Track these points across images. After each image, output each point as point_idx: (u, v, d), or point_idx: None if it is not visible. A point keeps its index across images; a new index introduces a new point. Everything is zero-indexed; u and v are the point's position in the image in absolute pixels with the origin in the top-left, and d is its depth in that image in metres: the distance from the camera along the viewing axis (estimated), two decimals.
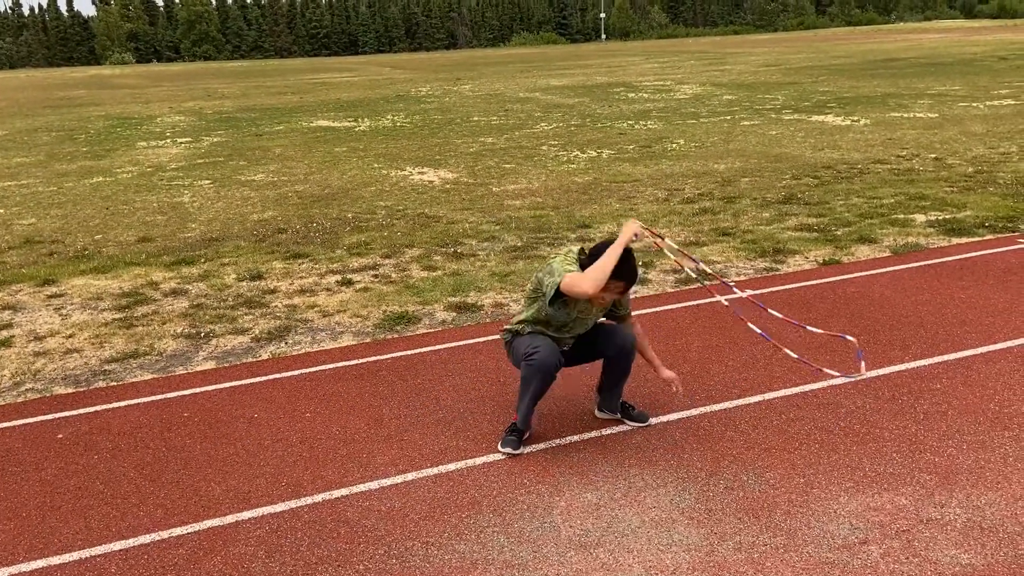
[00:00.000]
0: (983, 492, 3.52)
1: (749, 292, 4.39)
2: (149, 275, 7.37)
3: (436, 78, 37.79)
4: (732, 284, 4.42)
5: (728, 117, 17.19)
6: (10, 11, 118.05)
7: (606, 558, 3.22)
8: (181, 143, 17.28)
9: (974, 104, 17.45)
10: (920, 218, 8.17)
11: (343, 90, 31.96)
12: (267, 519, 3.58)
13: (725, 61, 39.48)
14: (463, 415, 4.43)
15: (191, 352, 5.54)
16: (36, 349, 5.72)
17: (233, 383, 5.01)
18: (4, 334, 6.04)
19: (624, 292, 3.89)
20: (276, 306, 6.40)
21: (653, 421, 4.24)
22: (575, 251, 3.91)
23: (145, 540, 3.46)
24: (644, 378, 4.67)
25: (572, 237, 8.04)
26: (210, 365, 5.31)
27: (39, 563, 3.35)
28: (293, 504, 3.68)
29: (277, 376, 5.08)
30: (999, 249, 7.05)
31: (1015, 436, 3.96)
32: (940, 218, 8.13)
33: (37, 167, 14.69)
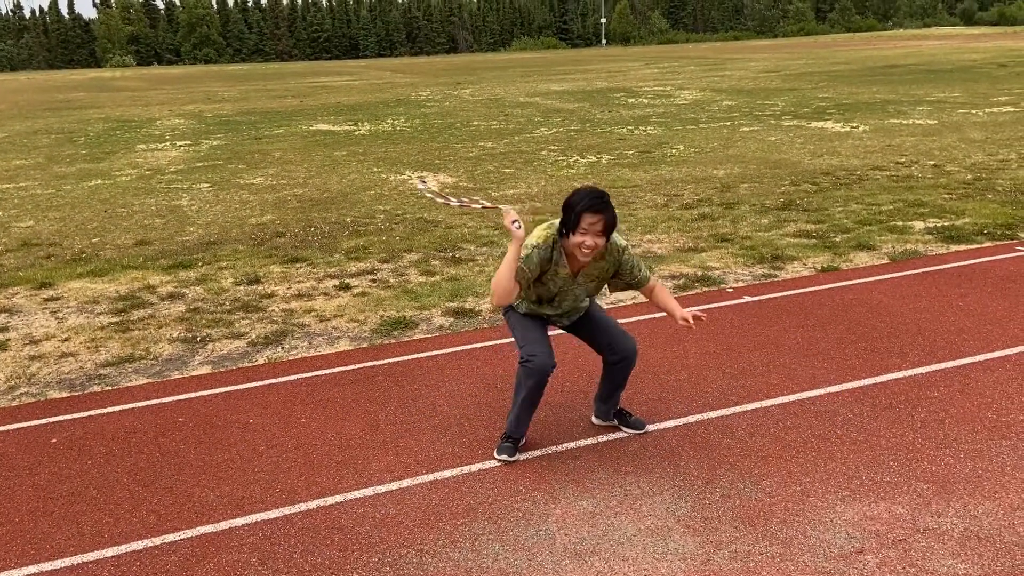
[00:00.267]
0: (980, 501, 3.51)
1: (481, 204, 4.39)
2: (146, 279, 7.36)
3: (436, 82, 37.82)
4: (480, 207, 4.42)
5: (727, 123, 17.20)
6: (11, 13, 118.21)
7: (601, 566, 3.20)
8: (180, 146, 17.28)
9: (973, 111, 17.46)
10: (919, 225, 8.17)
11: (343, 94, 31.97)
12: (261, 526, 3.56)
13: (725, 67, 39.54)
14: (459, 421, 4.42)
15: (187, 356, 5.53)
16: (32, 352, 5.70)
17: (228, 388, 4.99)
18: (0, 337, 6.02)
19: (603, 231, 3.65)
20: (273, 310, 6.39)
21: (650, 428, 4.23)
22: (557, 224, 3.80)
23: (138, 546, 3.44)
24: (641, 385, 4.66)
25: None
26: (206, 370, 5.30)
27: (31, 569, 3.33)
28: (287, 511, 3.66)
29: (273, 381, 5.07)
30: (997, 256, 7.04)
31: (1013, 445, 3.94)
32: (939, 225, 8.12)
33: (36, 169, 14.69)
